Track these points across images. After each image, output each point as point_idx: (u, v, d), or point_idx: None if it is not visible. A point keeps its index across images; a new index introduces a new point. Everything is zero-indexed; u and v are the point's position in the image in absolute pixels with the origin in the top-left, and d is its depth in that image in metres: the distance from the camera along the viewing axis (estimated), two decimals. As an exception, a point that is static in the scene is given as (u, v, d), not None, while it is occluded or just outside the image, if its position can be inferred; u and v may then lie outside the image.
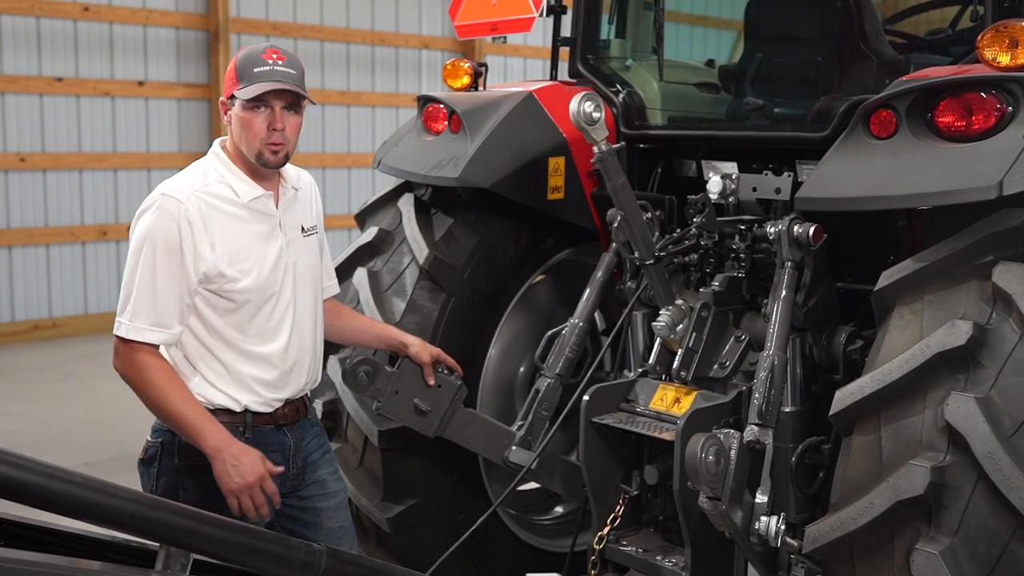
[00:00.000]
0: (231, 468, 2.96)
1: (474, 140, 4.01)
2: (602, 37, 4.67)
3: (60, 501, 1.96)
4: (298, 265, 3.22)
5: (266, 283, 3.11)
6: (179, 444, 3.09)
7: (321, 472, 3.36)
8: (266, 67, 3.04)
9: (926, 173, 3.07)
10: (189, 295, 3.02)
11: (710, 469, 2.95)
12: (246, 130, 3.07)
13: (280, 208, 3.20)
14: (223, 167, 3.13)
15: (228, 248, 3.04)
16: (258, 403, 3.14)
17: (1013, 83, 3.04)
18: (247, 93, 3.03)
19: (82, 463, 6.57)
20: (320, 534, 3.29)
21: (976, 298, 2.92)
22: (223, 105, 3.11)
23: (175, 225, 2.98)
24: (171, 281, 2.98)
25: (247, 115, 3.06)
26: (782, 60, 4.47)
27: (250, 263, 3.08)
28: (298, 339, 3.21)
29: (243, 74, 3.05)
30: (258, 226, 3.13)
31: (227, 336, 3.09)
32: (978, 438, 2.67)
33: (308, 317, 3.27)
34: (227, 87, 3.08)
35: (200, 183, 3.07)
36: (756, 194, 3.96)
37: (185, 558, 2.16)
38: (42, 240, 10.28)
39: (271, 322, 3.14)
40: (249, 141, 3.08)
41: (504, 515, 4.34)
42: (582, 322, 3.98)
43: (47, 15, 10.11)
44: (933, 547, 2.71)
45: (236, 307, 3.08)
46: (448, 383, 3.65)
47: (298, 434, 3.27)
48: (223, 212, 3.07)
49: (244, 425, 3.12)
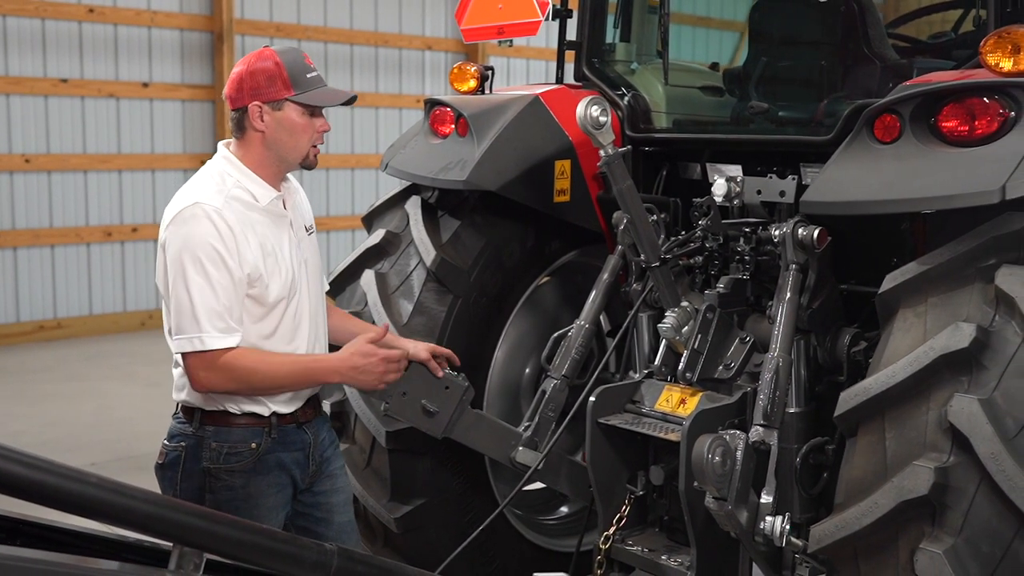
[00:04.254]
0: (361, 379, 3.17)
1: (481, 143, 4.04)
2: (607, 41, 4.69)
3: (75, 501, 1.97)
4: (308, 263, 3.29)
5: (291, 283, 3.17)
6: (208, 447, 3.13)
7: (333, 467, 3.42)
8: (314, 74, 3.13)
9: (930, 177, 3.10)
10: (243, 294, 3.05)
11: (716, 469, 2.98)
12: (299, 135, 3.12)
13: (288, 209, 3.25)
14: (237, 172, 3.15)
15: (261, 251, 3.09)
16: (283, 403, 3.19)
17: (1016, 88, 3.07)
18: (313, 99, 3.10)
19: (88, 463, 6.59)
20: (331, 529, 3.33)
21: (979, 301, 2.95)
22: (258, 108, 3.08)
23: (216, 231, 2.99)
24: (228, 285, 3.00)
25: (304, 120, 3.12)
26: (786, 63, 4.49)
27: (278, 265, 3.14)
28: (314, 335, 3.27)
29: (297, 80, 3.09)
30: (277, 228, 3.19)
31: (256, 343, 3.13)
32: (981, 439, 2.70)
33: (320, 313, 3.34)
34: (269, 91, 3.07)
35: (226, 188, 3.09)
36: (760, 197, 3.99)
37: (199, 558, 2.17)
38: (47, 241, 10.31)
39: (294, 321, 3.20)
40: (300, 146, 3.14)
41: (510, 515, 4.36)
42: (588, 324, 4.01)
43: (52, 16, 10.14)
44: (937, 547, 2.74)
45: (267, 311, 3.13)
46: (455, 384, 3.68)
47: (315, 430, 3.32)
48: (250, 216, 3.10)
49: (270, 426, 3.17)
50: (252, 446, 3.15)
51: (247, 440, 3.15)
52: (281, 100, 3.08)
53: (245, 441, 3.15)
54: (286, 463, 3.23)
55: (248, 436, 3.15)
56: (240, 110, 3.12)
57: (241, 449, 3.14)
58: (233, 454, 3.13)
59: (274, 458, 3.19)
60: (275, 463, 3.20)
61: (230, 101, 3.14)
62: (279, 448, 3.20)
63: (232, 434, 3.14)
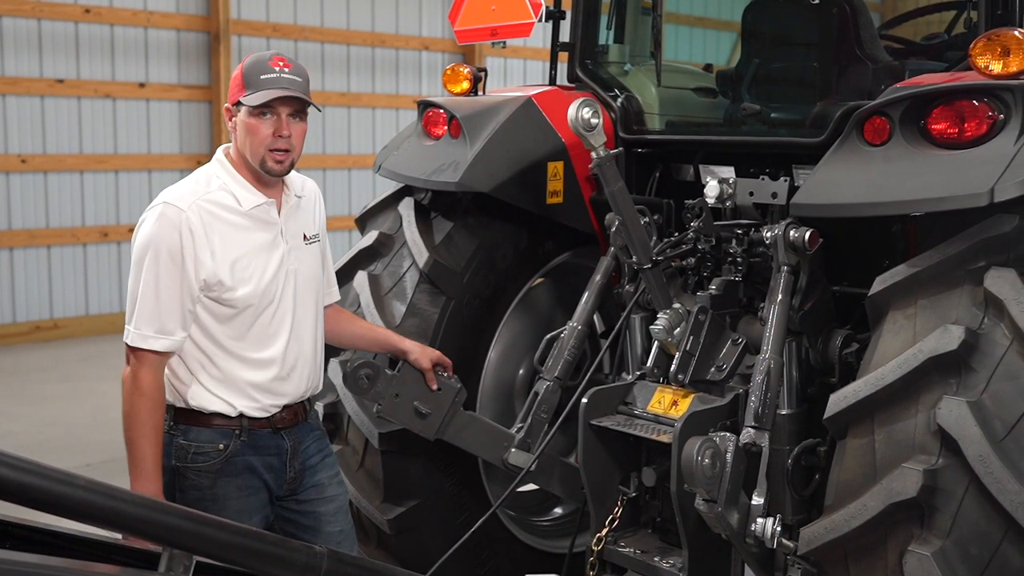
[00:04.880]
0: None
1: (474, 145, 4.04)
2: (600, 42, 4.70)
3: (65, 504, 1.97)
4: (299, 273, 3.25)
5: (266, 291, 3.13)
6: (175, 445, 3.13)
7: (320, 476, 3.38)
8: (273, 74, 3.06)
9: (919, 180, 3.10)
10: (191, 302, 3.05)
11: (706, 472, 2.98)
12: (251, 136, 3.09)
13: (282, 216, 3.22)
14: (226, 174, 3.15)
15: (228, 256, 3.07)
16: (254, 408, 3.17)
17: (1005, 91, 3.07)
18: (254, 99, 3.05)
19: (84, 464, 6.59)
20: (319, 538, 3.30)
21: (968, 303, 2.95)
22: (228, 112, 3.13)
23: (176, 233, 3.00)
24: (174, 288, 3.01)
25: (253, 122, 3.07)
26: (778, 65, 4.50)
27: (250, 271, 3.10)
28: (296, 346, 3.24)
29: (249, 81, 3.07)
30: (259, 234, 3.16)
31: (225, 343, 3.12)
32: (970, 441, 2.70)
33: (308, 324, 3.29)
34: (232, 94, 3.10)
35: (202, 191, 3.10)
36: (753, 198, 3.99)
37: (188, 560, 2.17)
38: (43, 241, 10.30)
39: (270, 328, 3.17)
40: (254, 148, 3.10)
41: (504, 516, 4.36)
42: (580, 325, 4.01)
43: (48, 17, 10.13)
44: (925, 549, 2.75)
45: (235, 313, 3.11)
46: (448, 386, 3.68)
47: (296, 438, 3.29)
48: (224, 220, 3.09)
49: (240, 428, 3.16)
50: (220, 447, 3.14)
51: (215, 441, 3.14)
52: (237, 103, 3.10)
53: (213, 442, 3.14)
54: (256, 467, 3.20)
55: (216, 437, 3.14)
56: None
57: (208, 449, 3.13)
58: (200, 454, 3.13)
59: (243, 461, 3.18)
60: (244, 466, 3.18)
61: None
62: (249, 451, 3.18)
63: (201, 434, 3.14)
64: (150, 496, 2.99)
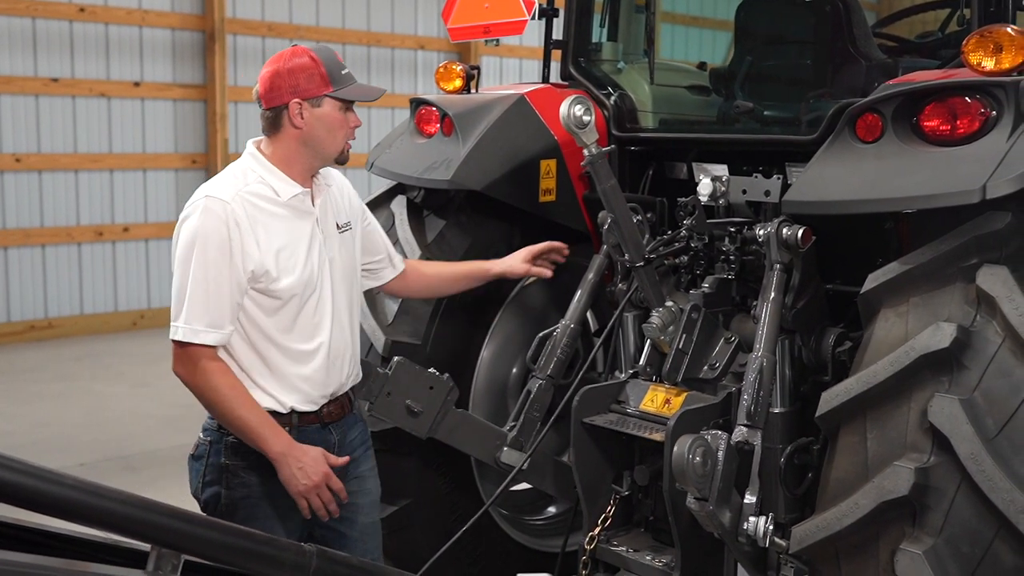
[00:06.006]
0: (297, 471, 3.06)
1: (466, 143, 4.03)
2: (594, 40, 4.68)
3: (51, 503, 1.97)
4: (334, 261, 3.29)
5: (308, 280, 3.17)
6: (226, 443, 3.15)
7: (362, 468, 3.43)
8: (347, 71, 3.20)
9: (911, 177, 3.09)
10: (240, 294, 3.07)
11: (697, 470, 2.97)
12: (336, 130, 3.18)
13: (317, 205, 3.26)
14: (260, 168, 3.18)
15: (272, 246, 3.10)
16: (303, 401, 3.19)
17: (997, 88, 3.06)
18: (351, 94, 3.18)
19: (78, 464, 6.59)
20: (354, 529, 3.37)
21: (961, 301, 2.94)
22: (298, 105, 3.12)
23: (223, 225, 3.02)
24: (223, 281, 3.02)
25: (341, 116, 3.18)
26: (772, 63, 4.49)
27: (293, 260, 3.14)
28: (339, 334, 3.27)
29: (335, 77, 3.15)
30: (298, 223, 3.19)
31: (274, 336, 3.14)
32: (962, 439, 2.69)
33: (345, 312, 3.33)
34: (308, 88, 3.11)
35: (241, 183, 3.12)
36: (746, 196, 3.98)
37: (176, 559, 2.16)
38: (38, 241, 10.29)
39: (314, 318, 3.20)
40: (336, 140, 3.20)
41: (497, 515, 4.35)
42: (573, 323, 4.00)
43: (43, 16, 10.12)
44: (917, 547, 2.73)
45: (281, 304, 3.13)
46: (440, 384, 3.68)
47: (342, 430, 3.33)
48: (266, 211, 3.12)
49: (290, 425, 3.17)
50: None
51: None
52: (320, 96, 3.13)
53: None
54: None
55: None
56: (275, 108, 3.15)
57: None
58: (251, 451, 3.13)
59: None
60: None
61: (264, 100, 3.16)
62: None
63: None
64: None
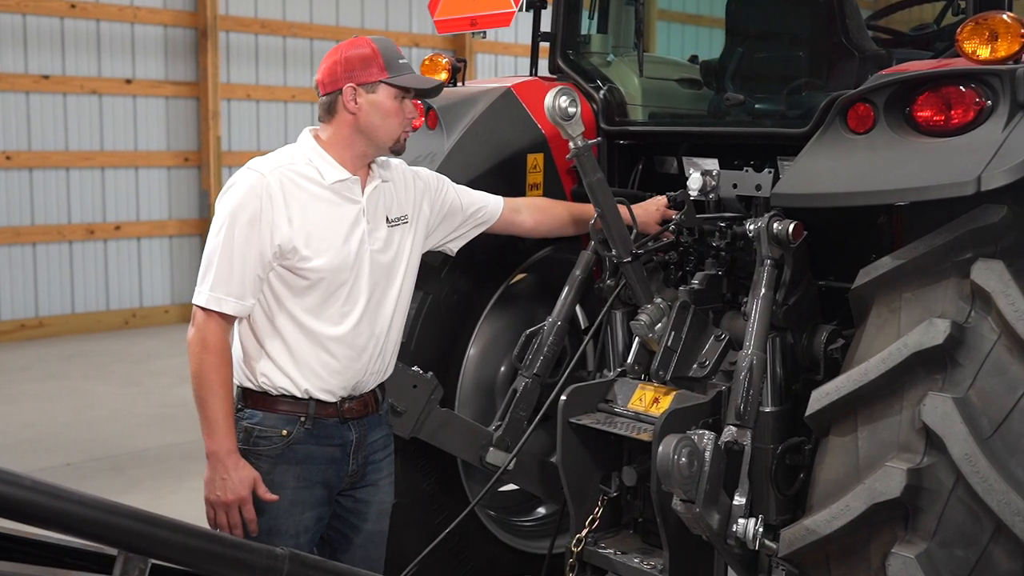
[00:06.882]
0: (218, 479, 3.01)
1: (451, 136, 3.97)
2: (582, 32, 4.62)
3: (8, 505, 1.91)
4: (379, 254, 3.22)
5: (340, 266, 3.11)
6: (239, 427, 3.11)
7: (380, 475, 3.36)
8: (405, 60, 3.17)
9: (904, 168, 3.02)
10: (263, 268, 3.04)
11: (683, 471, 2.90)
12: (390, 118, 3.14)
13: (366, 195, 3.21)
14: (311, 151, 3.16)
15: (306, 226, 3.06)
16: (320, 389, 3.13)
17: (992, 76, 2.98)
18: (405, 81, 3.13)
19: (65, 463, 6.54)
20: (359, 535, 3.34)
21: (955, 296, 2.87)
22: (352, 90, 3.11)
23: (256, 198, 3.02)
24: (250, 252, 3.01)
25: (395, 104, 3.14)
26: (763, 56, 4.42)
27: (327, 244, 3.09)
28: (368, 327, 3.19)
29: (391, 64, 3.12)
30: (341, 209, 3.14)
31: (298, 315, 3.11)
32: (955, 439, 2.63)
33: (384, 308, 3.25)
34: (364, 75, 3.10)
35: (287, 161, 3.12)
36: (737, 191, 3.91)
37: (144, 563, 2.11)
38: (29, 239, 10.23)
39: (344, 307, 3.14)
40: (392, 128, 3.16)
41: (484, 516, 4.28)
42: (560, 321, 3.93)
43: (33, 12, 10.06)
44: (909, 551, 2.67)
45: (309, 285, 3.09)
46: (424, 382, 3.61)
47: (363, 430, 3.26)
48: (305, 190, 3.09)
49: (306, 415, 3.13)
50: (283, 432, 3.12)
51: (279, 426, 3.12)
52: (375, 83, 3.11)
53: (276, 427, 3.12)
54: (317, 457, 3.17)
55: (280, 422, 3.12)
56: (332, 93, 3.15)
57: (271, 434, 3.12)
58: (263, 438, 3.11)
59: (304, 450, 3.14)
60: (304, 455, 3.15)
61: (321, 86, 3.16)
62: (311, 441, 3.14)
63: (266, 418, 3.13)
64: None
